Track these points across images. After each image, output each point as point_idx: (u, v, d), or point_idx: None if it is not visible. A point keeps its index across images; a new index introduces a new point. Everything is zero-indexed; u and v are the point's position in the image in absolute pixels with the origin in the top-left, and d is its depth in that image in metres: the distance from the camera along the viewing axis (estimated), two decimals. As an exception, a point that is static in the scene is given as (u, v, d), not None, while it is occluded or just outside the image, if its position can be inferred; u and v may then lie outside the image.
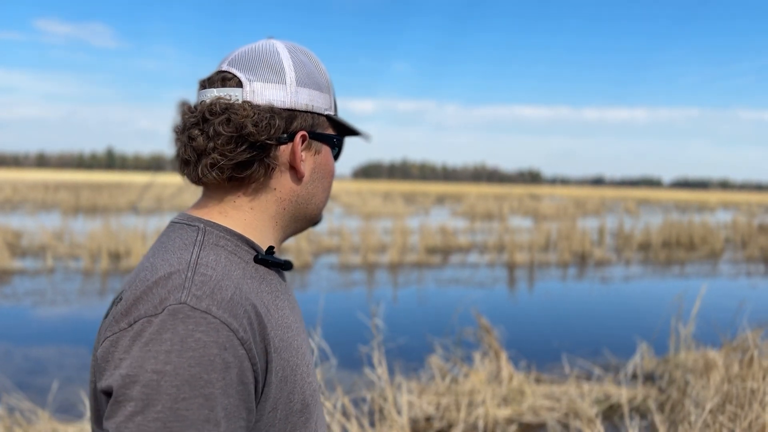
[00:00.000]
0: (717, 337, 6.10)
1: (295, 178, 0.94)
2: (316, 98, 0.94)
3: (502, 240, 15.39)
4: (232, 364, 0.75)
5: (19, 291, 8.79)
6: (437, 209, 33.36)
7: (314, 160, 0.96)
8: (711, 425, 3.11)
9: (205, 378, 0.73)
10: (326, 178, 0.99)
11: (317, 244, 14.34)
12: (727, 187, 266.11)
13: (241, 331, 0.77)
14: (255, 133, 0.86)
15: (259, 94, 0.89)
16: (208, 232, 0.88)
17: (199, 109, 0.88)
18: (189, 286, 0.78)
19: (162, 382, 0.72)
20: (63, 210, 23.83)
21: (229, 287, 0.80)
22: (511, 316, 8.20)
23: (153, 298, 0.77)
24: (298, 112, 0.92)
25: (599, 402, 4.79)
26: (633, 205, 42.08)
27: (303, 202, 0.97)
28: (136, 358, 0.73)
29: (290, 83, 0.91)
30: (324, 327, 5.45)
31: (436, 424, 4.33)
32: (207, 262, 0.82)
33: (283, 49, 0.94)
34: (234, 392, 0.75)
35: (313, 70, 0.95)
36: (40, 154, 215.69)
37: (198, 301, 0.76)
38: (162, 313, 0.75)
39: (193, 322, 0.74)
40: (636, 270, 12.91)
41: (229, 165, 0.88)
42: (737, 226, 21.07)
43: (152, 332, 0.74)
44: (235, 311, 0.78)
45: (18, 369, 5.47)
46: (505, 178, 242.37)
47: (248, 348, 0.77)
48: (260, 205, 0.93)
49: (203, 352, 0.73)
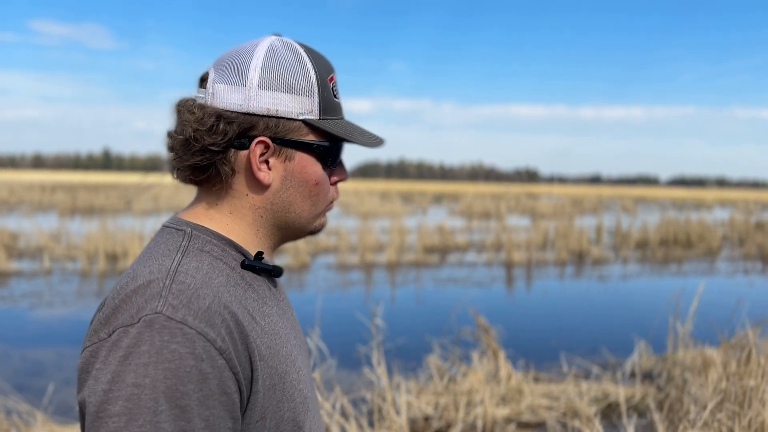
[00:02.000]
0: (715, 335, 6.10)
1: (260, 186, 0.90)
2: (284, 102, 0.87)
3: (500, 239, 15.40)
4: (210, 375, 0.74)
5: (16, 293, 8.77)
6: (434, 208, 33.37)
7: (285, 167, 0.90)
8: (710, 424, 3.11)
9: (182, 390, 0.73)
10: (304, 186, 0.92)
11: (315, 244, 14.33)
12: (723, 185, 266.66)
13: (219, 341, 0.76)
14: (196, 138, 0.85)
15: (217, 97, 0.87)
16: (194, 237, 0.87)
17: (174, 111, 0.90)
18: (166, 295, 0.77)
19: (142, 396, 0.71)
20: (60, 211, 23.78)
21: (207, 296, 0.79)
22: (509, 315, 8.20)
23: (131, 308, 0.76)
24: (258, 117, 0.87)
25: (598, 401, 4.79)
26: (630, 204, 42.14)
27: (280, 211, 0.92)
28: (116, 372, 0.73)
29: (250, 86, 0.86)
30: (322, 327, 5.44)
31: (434, 424, 4.33)
32: (187, 270, 0.81)
33: (262, 47, 0.88)
34: (215, 403, 0.75)
35: (291, 72, 0.88)
36: (36, 155, 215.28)
37: (174, 311, 0.75)
38: (138, 323, 0.74)
39: (168, 333, 0.74)
40: (633, 268, 12.92)
41: (184, 167, 0.87)
42: (734, 224, 21.11)
43: (129, 344, 0.74)
44: (212, 321, 0.77)
45: (15, 371, 5.46)
46: (502, 176, 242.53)
47: (228, 358, 0.76)
48: (237, 211, 0.91)
49: (179, 364, 0.73)
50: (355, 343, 6.02)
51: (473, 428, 4.29)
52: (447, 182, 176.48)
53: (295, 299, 8.91)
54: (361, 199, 35.87)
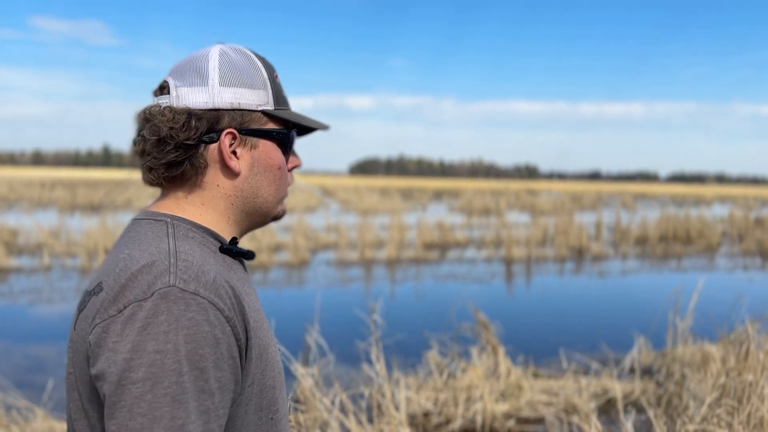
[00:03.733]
0: (714, 331, 6.11)
1: (231, 174, 0.98)
2: (244, 96, 0.97)
3: (500, 235, 15.40)
4: (222, 340, 0.83)
5: (16, 289, 8.77)
6: (434, 205, 33.36)
7: (251, 155, 0.99)
8: (708, 419, 3.11)
9: (200, 353, 0.80)
10: (270, 172, 1.01)
11: (314, 240, 14.33)
12: (723, 181, 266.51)
13: (227, 309, 0.85)
14: (172, 135, 0.92)
15: (182, 99, 0.95)
16: (176, 225, 0.94)
17: (139, 119, 0.97)
18: (174, 271, 0.84)
19: (166, 360, 0.78)
20: (59, 208, 23.78)
21: (210, 271, 0.87)
22: (508, 311, 8.21)
23: (140, 284, 0.82)
24: (224, 111, 0.96)
25: (597, 396, 4.79)
26: (630, 200, 42.13)
27: (249, 197, 1.01)
28: (136, 342, 0.79)
29: (213, 85, 0.96)
30: (321, 323, 5.45)
31: (434, 420, 4.33)
32: (185, 250, 0.89)
33: (214, 52, 0.98)
34: (225, 365, 0.83)
35: (245, 69, 0.98)
36: (36, 152, 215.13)
37: (186, 284, 0.83)
38: (152, 297, 0.81)
39: (184, 303, 0.81)
40: (633, 264, 12.93)
41: (159, 166, 0.95)
42: (734, 220, 21.11)
43: (146, 315, 0.80)
44: (219, 292, 0.85)
45: (15, 367, 5.46)
46: (502, 173, 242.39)
47: (233, 325, 0.85)
48: (209, 202, 0.99)
49: (197, 330, 0.80)
50: (354, 339, 6.03)
51: (472, 424, 4.29)
52: (447, 179, 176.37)
53: (294, 295, 8.92)
54: (361, 195, 35.85)
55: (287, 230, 15.79)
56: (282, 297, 8.77)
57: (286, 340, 4.93)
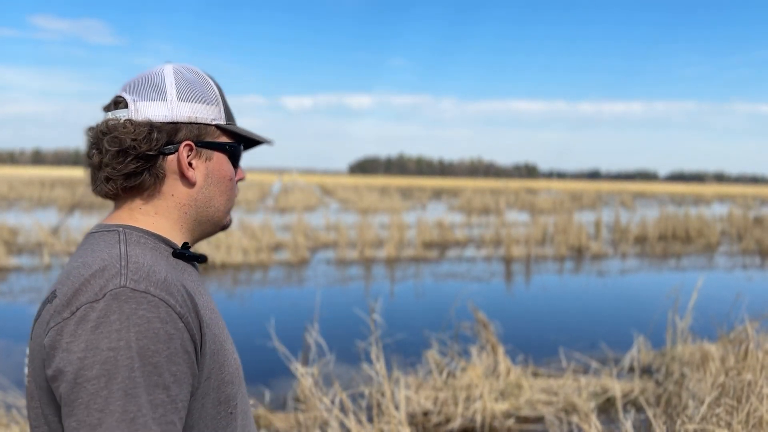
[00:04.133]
0: (713, 330, 6.12)
1: (188, 184, 1.04)
2: (200, 110, 1.03)
3: (499, 234, 15.40)
4: (175, 336, 0.86)
5: (16, 288, 8.77)
6: (434, 204, 33.35)
7: (206, 166, 1.05)
8: (708, 419, 3.12)
9: (152, 348, 0.83)
10: (222, 183, 1.08)
11: (314, 239, 14.33)
12: (722, 180, 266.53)
13: (178, 306, 0.88)
14: (134, 146, 0.97)
15: (141, 112, 1.00)
16: (128, 233, 0.99)
17: (94, 132, 1.01)
18: (125, 272, 0.88)
19: (119, 357, 0.81)
20: (59, 207, 23.77)
21: (161, 271, 0.92)
22: (508, 310, 8.21)
23: (92, 288, 0.86)
24: (181, 124, 1.01)
25: (596, 395, 4.80)
26: (629, 199, 42.13)
27: (202, 206, 1.06)
28: (88, 341, 0.82)
29: (171, 99, 1.01)
30: (321, 322, 5.45)
31: (433, 419, 4.34)
32: (136, 254, 0.93)
33: (168, 70, 1.04)
34: (180, 360, 0.86)
35: (198, 86, 1.05)
36: (35, 151, 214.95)
37: (136, 284, 0.87)
38: (103, 298, 0.85)
39: (135, 302, 0.85)
40: (632, 263, 12.94)
41: (119, 176, 0.99)
42: (733, 219, 21.12)
43: (98, 315, 0.83)
44: (170, 290, 0.89)
45: (15, 366, 5.47)
46: (502, 172, 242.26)
47: (186, 321, 0.89)
48: (163, 211, 1.04)
49: (148, 326, 0.84)
50: (354, 338, 6.03)
51: (472, 423, 4.30)
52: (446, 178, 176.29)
53: (294, 294, 8.92)
54: (361, 194, 35.85)
55: (287, 229, 15.79)
56: (281, 296, 8.77)
57: (285, 340, 4.93)
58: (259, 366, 5.38)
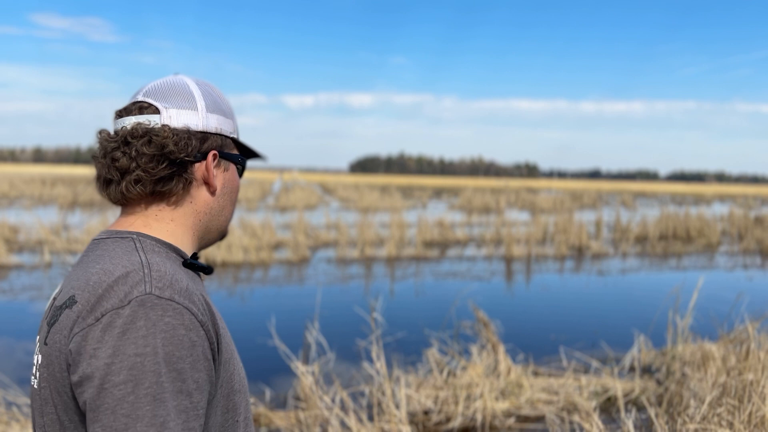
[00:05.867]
0: (714, 330, 6.11)
1: (208, 192, 1.07)
2: (223, 123, 1.08)
3: (499, 233, 15.40)
4: (197, 343, 0.88)
5: (16, 286, 8.77)
6: (434, 203, 33.34)
7: (224, 176, 1.09)
8: (709, 418, 3.11)
9: (177, 355, 0.85)
10: (233, 193, 1.13)
11: (314, 238, 14.33)
12: (723, 180, 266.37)
13: (200, 314, 0.90)
14: (175, 151, 0.99)
15: (175, 119, 1.01)
16: (142, 241, 0.99)
17: (121, 134, 1.00)
18: (149, 280, 0.89)
19: (146, 362, 0.82)
20: (60, 205, 23.77)
21: (182, 280, 0.93)
22: (508, 309, 8.21)
23: (117, 294, 0.87)
24: (209, 134, 1.05)
25: (597, 395, 4.79)
26: (629, 198, 42.12)
27: (216, 214, 1.10)
28: (115, 347, 0.83)
29: (201, 109, 1.04)
30: (321, 321, 5.45)
31: (434, 418, 4.34)
32: (156, 261, 0.94)
33: (191, 81, 1.07)
34: (201, 367, 0.88)
35: (218, 99, 1.09)
36: (36, 149, 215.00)
37: (161, 291, 0.88)
38: (129, 304, 0.85)
39: (160, 309, 0.86)
40: (633, 263, 12.93)
41: (152, 180, 1.00)
42: (733, 219, 21.10)
43: (125, 322, 0.84)
44: (192, 298, 0.91)
45: (15, 364, 5.46)
46: (502, 171, 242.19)
47: (206, 329, 0.90)
48: (180, 217, 1.05)
49: (173, 333, 0.85)
50: (354, 336, 6.03)
51: (473, 422, 4.29)
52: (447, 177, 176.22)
53: (294, 293, 8.92)
54: (361, 193, 35.83)
55: (288, 228, 15.79)
56: (282, 294, 8.77)
57: (286, 338, 4.94)
58: (259, 364, 5.38)
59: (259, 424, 4.17)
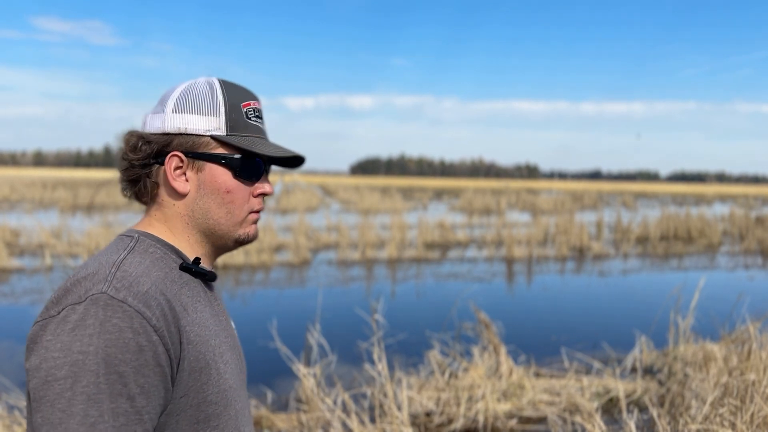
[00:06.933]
0: (716, 330, 6.11)
1: (177, 194, 1.06)
2: (192, 121, 1.03)
3: (500, 234, 15.39)
4: (146, 347, 0.87)
5: (18, 290, 8.78)
6: (435, 204, 33.35)
7: (198, 177, 1.05)
8: (711, 419, 3.11)
9: (120, 357, 0.85)
10: (217, 194, 1.06)
11: (315, 240, 14.33)
12: (723, 180, 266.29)
13: (154, 319, 0.89)
14: (130, 156, 1.04)
15: (146, 125, 1.07)
16: (141, 241, 1.02)
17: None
18: (111, 279, 0.90)
19: (87, 361, 0.84)
20: (61, 208, 23.78)
21: (146, 283, 0.93)
22: (509, 310, 8.21)
23: (79, 290, 0.89)
24: (173, 136, 1.04)
25: (599, 396, 4.79)
26: (630, 199, 42.12)
27: (201, 218, 1.06)
28: (63, 342, 0.85)
29: (168, 111, 1.04)
30: (323, 323, 5.45)
31: (436, 419, 4.33)
32: (131, 263, 0.96)
33: (190, 82, 1.07)
34: (150, 372, 0.87)
35: (199, 97, 1.05)
36: (37, 152, 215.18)
37: (116, 292, 0.89)
38: (85, 301, 0.88)
39: (111, 310, 0.87)
40: (634, 263, 12.92)
41: (125, 182, 1.07)
42: (734, 219, 21.09)
43: (77, 318, 0.86)
44: (148, 302, 0.90)
45: (17, 367, 5.47)
46: (503, 172, 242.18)
47: (161, 335, 0.89)
48: (171, 220, 1.07)
49: (119, 335, 0.86)
50: (355, 338, 6.03)
51: (474, 423, 4.29)
52: (447, 178, 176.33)
53: (296, 295, 8.92)
54: (362, 195, 35.84)
55: (288, 230, 15.79)
56: (283, 297, 8.77)
57: (287, 340, 4.93)
58: (261, 367, 5.38)
59: (260, 427, 4.17)
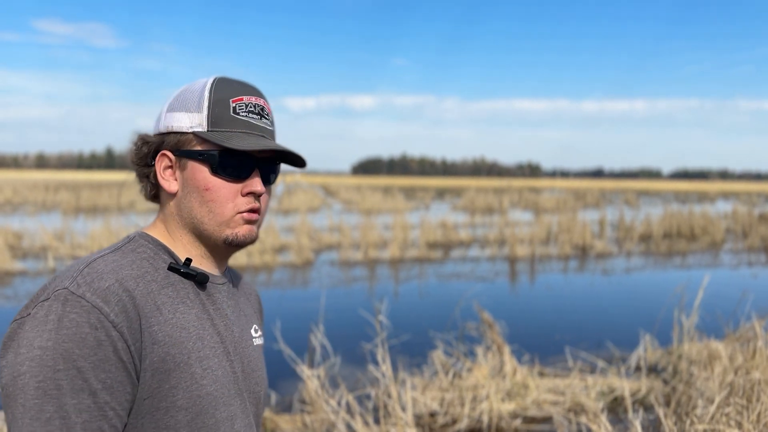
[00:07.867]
0: (720, 328, 6.09)
1: (168, 194, 1.06)
2: (178, 119, 1.02)
3: (503, 234, 15.37)
4: (105, 342, 0.87)
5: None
6: (437, 204, 33.34)
7: (182, 176, 1.04)
8: (718, 418, 3.09)
9: (77, 353, 0.85)
10: (197, 192, 1.02)
11: (318, 240, 14.32)
12: (726, 177, 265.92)
13: (113, 315, 0.88)
14: (134, 158, 1.06)
15: (154, 127, 1.07)
16: (134, 240, 1.03)
17: None
18: (76, 276, 0.91)
19: (45, 356, 0.85)
20: (63, 210, 23.80)
21: (109, 279, 0.92)
22: (513, 309, 8.19)
23: (49, 288, 0.91)
24: (164, 135, 1.04)
25: (603, 395, 4.78)
26: (633, 197, 42.06)
27: (186, 217, 1.04)
28: (29, 338, 0.87)
29: (163, 112, 1.05)
30: (326, 324, 5.44)
31: (440, 420, 4.32)
32: (105, 260, 0.95)
33: (190, 83, 1.07)
34: (112, 368, 0.87)
35: (189, 94, 1.03)
36: (39, 155, 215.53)
37: (77, 288, 0.89)
38: (50, 298, 0.89)
39: (69, 305, 0.87)
40: (637, 261, 12.90)
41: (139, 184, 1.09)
42: (737, 216, 21.05)
43: (43, 314, 0.87)
44: (107, 298, 0.89)
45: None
46: (505, 171, 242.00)
47: (121, 330, 0.89)
48: (167, 221, 1.07)
49: (76, 331, 0.86)
50: (359, 339, 6.02)
51: (479, 423, 4.28)
52: (449, 177, 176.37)
53: (298, 296, 8.91)
54: (364, 195, 35.82)
55: (291, 231, 15.78)
56: (286, 298, 8.77)
57: (291, 342, 4.92)
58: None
59: (265, 429, 4.16)
